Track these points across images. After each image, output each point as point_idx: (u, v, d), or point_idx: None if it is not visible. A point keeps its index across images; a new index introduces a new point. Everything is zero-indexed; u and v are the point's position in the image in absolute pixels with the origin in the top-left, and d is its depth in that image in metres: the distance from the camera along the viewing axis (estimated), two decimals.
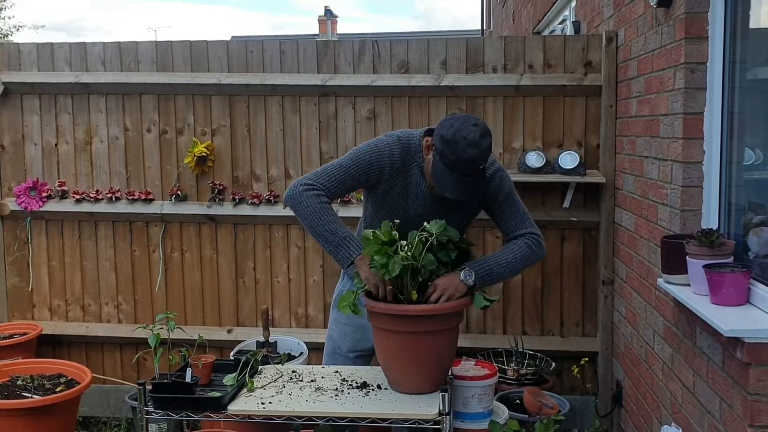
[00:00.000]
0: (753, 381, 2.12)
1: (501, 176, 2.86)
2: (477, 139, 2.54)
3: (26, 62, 4.30)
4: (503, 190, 2.85)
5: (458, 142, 2.53)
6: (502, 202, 2.85)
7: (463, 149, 2.53)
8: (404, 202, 2.81)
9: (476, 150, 2.54)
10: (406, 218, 2.73)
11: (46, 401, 3.32)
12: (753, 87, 2.66)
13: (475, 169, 2.58)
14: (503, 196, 2.85)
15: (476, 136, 2.55)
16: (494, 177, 2.83)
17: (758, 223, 2.53)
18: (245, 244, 4.27)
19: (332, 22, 28.92)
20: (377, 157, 2.76)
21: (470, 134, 2.55)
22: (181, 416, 2.59)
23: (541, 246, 2.86)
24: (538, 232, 2.87)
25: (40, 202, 4.33)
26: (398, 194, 2.80)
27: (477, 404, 3.00)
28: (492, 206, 2.87)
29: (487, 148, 2.59)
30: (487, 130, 2.63)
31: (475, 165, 2.57)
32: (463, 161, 2.55)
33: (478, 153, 2.55)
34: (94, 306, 4.41)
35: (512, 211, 2.86)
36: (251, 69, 4.15)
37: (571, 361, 4.01)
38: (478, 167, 2.59)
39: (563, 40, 4.03)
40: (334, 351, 3.17)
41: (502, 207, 2.85)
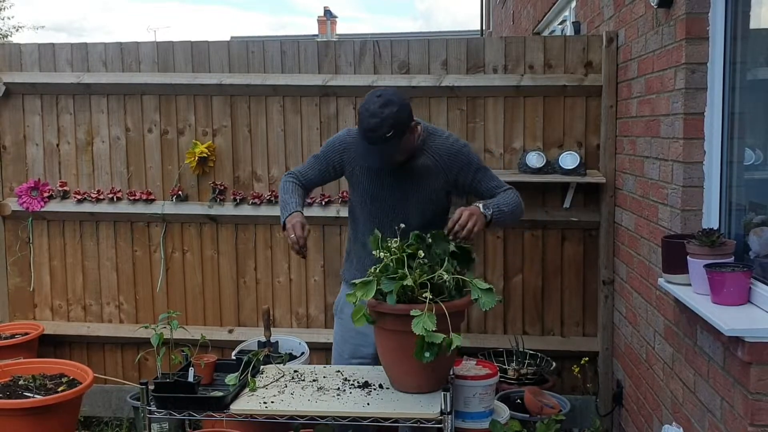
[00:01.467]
0: (754, 380, 2.12)
1: (466, 152, 2.99)
2: (376, 110, 2.69)
3: (27, 63, 4.31)
4: (472, 164, 2.98)
5: (362, 114, 2.73)
6: (476, 173, 2.98)
7: (365, 119, 2.71)
8: (366, 181, 2.99)
9: (376, 119, 2.69)
10: (373, 196, 2.98)
11: (47, 401, 3.33)
12: (753, 87, 2.67)
13: (378, 137, 2.70)
14: (474, 168, 2.98)
15: (376, 106, 2.70)
16: (459, 153, 2.96)
17: (759, 223, 2.53)
18: (246, 244, 4.28)
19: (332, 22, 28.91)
20: (337, 142, 3.07)
21: (372, 105, 2.71)
22: (183, 416, 2.59)
23: (519, 198, 2.99)
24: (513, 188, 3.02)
25: (42, 203, 4.33)
26: (360, 175, 3.01)
27: (478, 404, 3.01)
28: (466, 181, 2.99)
29: (388, 116, 2.69)
30: (392, 101, 2.73)
31: (376, 133, 2.69)
32: (366, 131, 2.71)
33: (378, 122, 2.68)
34: (96, 306, 4.42)
35: (488, 177, 3.00)
36: (252, 69, 4.16)
37: (572, 360, 4.02)
38: (380, 135, 2.70)
39: (564, 41, 4.03)
40: (339, 355, 3.20)
41: (477, 177, 2.98)
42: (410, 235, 2.64)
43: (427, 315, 2.35)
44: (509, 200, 2.93)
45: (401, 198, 2.97)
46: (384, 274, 2.51)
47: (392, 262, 2.54)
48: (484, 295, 2.49)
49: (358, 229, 3.13)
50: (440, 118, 4.06)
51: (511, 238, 4.11)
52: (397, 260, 2.54)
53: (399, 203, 2.98)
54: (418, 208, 2.97)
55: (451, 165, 2.95)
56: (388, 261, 2.54)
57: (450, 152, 2.96)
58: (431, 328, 2.33)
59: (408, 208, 2.97)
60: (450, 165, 2.95)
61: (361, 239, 3.10)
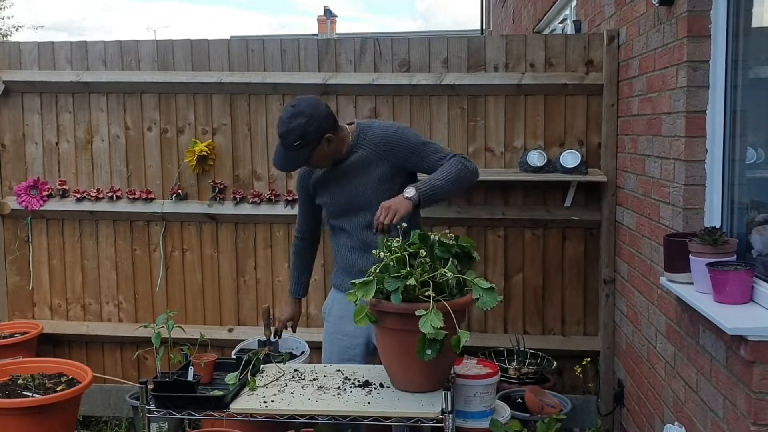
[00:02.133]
0: (757, 379, 2.11)
1: (401, 135, 3.03)
2: (285, 119, 2.88)
3: (27, 61, 4.30)
4: (409, 144, 3.02)
5: (279, 119, 2.91)
6: (416, 150, 3.01)
7: (278, 125, 2.91)
8: (326, 191, 3.13)
9: (284, 128, 2.87)
10: (333, 204, 3.11)
11: (46, 400, 3.32)
12: (755, 85, 2.66)
13: (287, 144, 2.88)
14: (412, 148, 3.01)
15: (286, 116, 2.88)
16: (392, 138, 3.02)
17: (761, 222, 2.53)
18: (246, 243, 4.27)
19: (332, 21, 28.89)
20: (298, 176, 3.26)
21: (285, 113, 2.90)
22: (183, 415, 2.58)
23: (471, 163, 3.00)
24: (460, 154, 3.02)
25: (41, 201, 4.32)
26: (321, 190, 3.15)
27: (479, 403, 3.01)
28: (409, 159, 3.02)
29: (294, 128, 2.85)
30: (303, 113, 2.87)
31: (286, 140, 2.87)
32: (279, 136, 2.91)
33: (285, 131, 2.87)
34: (95, 305, 4.41)
35: (430, 151, 3.02)
36: (252, 68, 4.14)
37: (573, 360, 4.01)
38: (288, 143, 2.88)
39: (564, 39, 4.02)
40: (329, 359, 3.21)
41: (419, 153, 3.01)
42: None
43: (434, 313, 2.35)
44: (446, 171, 2.91)
45: (355, 195, 3.05)
46: (385, 274, 2.50)
47: (393, 261, 2.53)
48: (485, 294, 2.48)
49: (335, 235, 3.23)
50: (441, 117, 4.05)
51: (512, 237, 4.10)
52: (398, 259, 2.53)
53: (355, 201, 3.05)
54: (373, 199, 3.01)
55: (387, 151, 3.01)
56: (389, 260, 2.53)
57: (383, 139, 3.02)
58: (439, 326, 2.32)
59: (364, 200, 3.04)
60: (386, 151, 3.01)
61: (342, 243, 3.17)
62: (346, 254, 3.15)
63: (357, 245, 3.09)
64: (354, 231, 3.09)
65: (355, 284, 2.51)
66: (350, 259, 3.13)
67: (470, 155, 4.03)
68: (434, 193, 2.87)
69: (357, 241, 3.09)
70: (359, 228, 3.08)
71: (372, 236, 2.99)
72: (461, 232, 3.99)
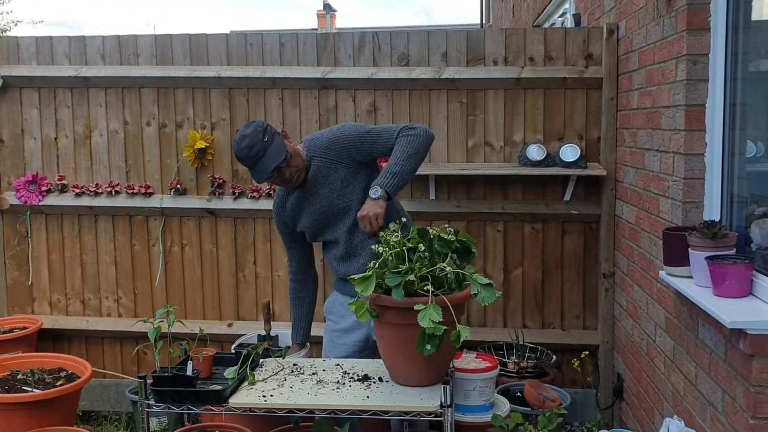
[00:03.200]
0: (756, 373, 2.11)
1: (341, 135, 3.04)
2: (242, 133, 2.94)
3: (25, 56, 4.29)
4: (352, 136, 3.02)
5: (237, 151, 2.95)
6: (362, 142, 3.01)
7: (239, 146, 2.93)
8: (303, 216, 3.13)
9: (246, 139, 2.91)
10: (314, 223, 3.11)
11: (46, 395, 3.32)
12: (755, 79, 2.65)
13: (259, 150, 2.91)
14: (358, 140, 3.01)
15: (240, 133, 2.95)
16: (336, 142, 3.02)
17: (761, 215, 2.52)
18: (245, 238, 4.26)
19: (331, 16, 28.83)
20: (274, 214, 3.25)
21: (237, 136, 2.96)
22: (182, 409, 2.58)
23: (416, 128, 2.97)
24: (406, 125, 3.00)
25: (40, 196, 4.32)
26: (298, 217, 3.14)
27: (478, 397, 3.01)
28: (360, 153, 3.02)
29: (252, 131, 2.92)
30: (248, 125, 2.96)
31: (256, 147, 2.90)
32: (247, 154, 2.92)
33: (249, 139, 2.91)
34: (94, 300, 4.41)
35: (374, 137, 3.01)
36: (251, 62, 4.13)
37: (572, 354, 4.01)
38: (261, 144, 2.91)
39: (564, 33, 4.01)
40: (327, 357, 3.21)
41: (365, 144, 3.01)
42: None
43: (433, 307, 2.34)
44: (399, 153, 2.91)
45: (327, 206, 3.07)
46: (384, 269, 2.49)
47: (392, 257, 2.52)
48: (483, 289, 2.48)
49: (324, 248, 3.26)
50: (440, 111, 4.05)
51: (511, 231, 4.10)
52: (397, 254, 2.53)
53: (329, 210, 3.08)
54: (344, 201, 3.05)
55: (339, 153, 3.02)
56: (387, 256, 2.52)
57: (329, 144, 3.03)
58: (438, 320, 2.32)
59: (338, 207, 3.06)
60: (338, 154, 3.02)
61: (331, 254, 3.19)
62: (337, 265, 3.19)
63: (342, 253, 3.13)
64: (339, 238, 3.12)
65: (354, 279, 2.51)
66: (341, 269, 3.17)
67: (469, 149, 4.03)
68: (397, 179, 2.87)
69: (343, 248, 3.12)
70: (343, 234, 3.10)
71: (358, 239, 3.06)
72: (460, 226, 3.98)
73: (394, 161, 2.90)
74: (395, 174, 2.86)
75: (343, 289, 3.18)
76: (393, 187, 2.84)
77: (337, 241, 3.13)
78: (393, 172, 2.87)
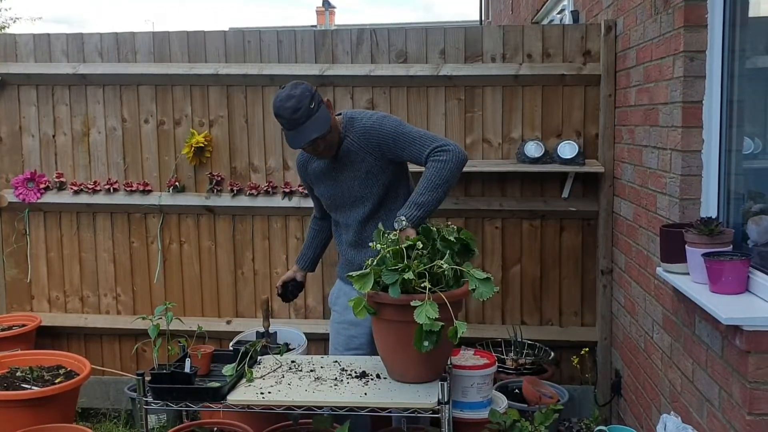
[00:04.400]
0: (752, 369, 2.12)
1: (379, 126, 3.00)
2: (288, 93, 2.89)
3: (23, 53, 4.28)
4: (389, 135, 2.98)
5: (279, 107, 2.90)
6: (395, 143, 2.97)
7: (283, 106, 2.88)
8: (322, 185, 3.15)
9: (293, 99, 2.86)
10: (330, 197, 3.13)
11: (45, 392, 3.32)
12: (752, 75, 2.65)
13: (304, 114, 2.86)
14: (393, 139, 2.97)
15: (286, 92, 2.90)
16: (371, 130, 2.99)
17: (757, 212, 2.52)
18: (244, 235, 4.26)
19: (330, 12, 28.78)
20: (297, 168, 3.28)
21: (281, 94, 2.90)
22: (180, 406, 2.59)
23: (449, 151, 2.87)
24: (442, 142, 2.91)
25: (38, 194, 4.32)
26: (316, 183, 3.18)
27: (476, 393, 3.01)
28: (390, 151, 3.01)
29: (301, 92, 2.88)
30: (296, 84, 2.93)
31: (301, 110, 2.86)
32: (290, 115, 2.87)
33: (296, 100, 2.87)
34: (93, 297, 4.41)
35: (408, 142, 2.96)
36: (249, 59, 4.13)
37: (570, 350, 4.02)
38: (306, 109, 2.87)
39: (562, 30, 4.01)
40: (335, 348, 3.22)
41: (398, 147, 2.97)
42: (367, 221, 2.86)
43: (429, 303, 2.35)
44: (426, 182, 2.83)
45: (347, 190, 3.06)
46: (382, 267, 2.50)
47: (389, 255, 2.52)
48: (481, 285, 2.48)
49: (336, 229, 3.26)
50: (438, 108, 4.05)
51: (510, 228, 4.10)
52: (395, 252, 2.53)
53: (348, 193, 3.07)
54: (365, 191, 3.04)
55: (370, 143, 3.00)
56: (385, 253, 2.53)
57: (365, 131, 3.00)
58: (434, 316, 2.32)
59: (357, 194, 3.05)
60: (370, 144, 3.00)
61: (342, 239, 3.20)
62: (346, 249, 3.17)
63: (354, 240, 3.11)
64: (351, 225, 3.10)
65: (352, 277, 2.51)
66: (349, 254, 3.15)
67: (467, 146, 4.03)
68: (422, 211, 2.80)
69: (354, 236, 3.10)
70: (356, 222, 3.08)
71: (369, 231, 3.01)
72: (458, 223, 3.99)
73: (421, 190, 2.83)
74: (420, 205, 2.80)
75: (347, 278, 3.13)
76: (417, 219, 2.77)
77: (348, 226, 3.12)
78: (418, 202, 2.81)
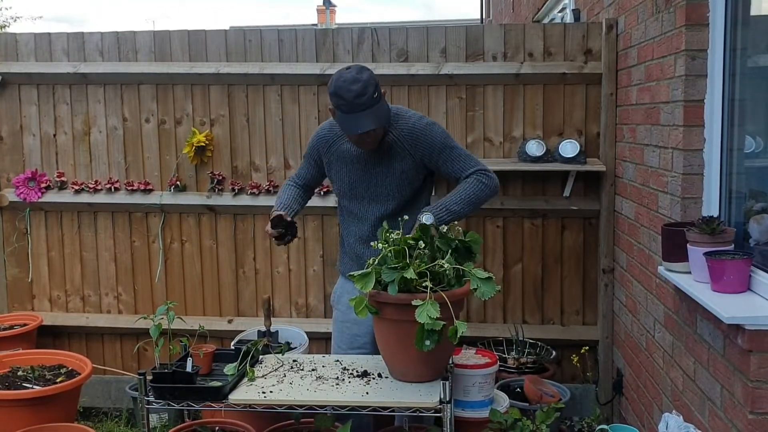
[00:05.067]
0: (754, 368, 2.12)
1: (429, 132, 2.99)
2: (355, 76, 2.79)
3: (23, 52, 4.28)
4: (435, 144, 2.98)
5: (341, 87, 2.78)
6: (440, 154, 2.99)
7: (348, 89, 2.77)
8: (344, 169, 3.06)
9: (359, 84, 2.77)
10: (350, 184, 3.06)
11: (46, 392, 3.32)
12: (754, 74, 2.65)
13: (367, 101, 2.78)
14: (438, 149, 2.98)
15: (353, 74, 2.80)
16: (421, 134, 2.97)
17: (759, 211, 2.52)
18: (245, 235, 4.26)
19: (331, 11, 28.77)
20: (314, 137, 3.18)
21: (348, 75, 2.80)
22: (181, 406, 2.59)
23: (491, 178, 2.98)
24: (486, 167, 3.01)
25: (39, 193, 4.32)
26: (338, 164, 3.08)
27: (478, 392, 3.01)
28: (432, 161, 3.00)
29: (368, 78, 2.80)
30: (363, 68, 2.85)
31: (365, 96, 2.77)
32: (354, 98, 2.77)
33: (362, 85, 2.77)
34: (94, 297, 4.41)
35: (453, 157, 2.99)
36: (250, 58, 4.13)
37: (572, 349, 4.02)
38: (370, 97, 2.79)
39: (563, 28, 4.01)
40: (338, 346, 3.21)
41: (441, 158, 2.99)
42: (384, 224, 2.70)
43: (430, 303, 2.35)
44: (463, 194, 2.91)
45: (375, 184, 3.02)
46: (383, 265, 2.50)
47: (391, 254, 2.52)
48: (483, 284, 2.48)
49: (345, 219, 3.19)
50: (439, 107, 4.04)
51: (511, 227, 4.10)
52: (396, 252, 2.53)
53: (374, 187, 3.03)
54: (393, 190, 3.01)
55: (414, 146, 2.98)
56: (386, 252, 2.52)
57: (412, 133, 2.98)
58: (435, 316, 2.32)
59: (383, 190, 3.02)
60: (413, 146, 2.98)
61: (352, 231, 3.14)
62: (355, 243, 3.12)
63: (367, 236, 3.05)
64: (368, 219, 3.05)
65: (354, 276, 2.51)
66: (359, 249, 3.10)
67: (469, 145, 4.03)
68: (450, 218, 2.86)
69: (368, 231, 3.06)
70: (374, 218, 3.04)
71: None
72: (459, 222, 3.97)
73: (457, 200, 2.88)
74: (451, 212, 2.86)
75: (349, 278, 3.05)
76: (443, 222, 2.81)
77: (363, 219, 3.07)
78: (450, 209, 2.87)
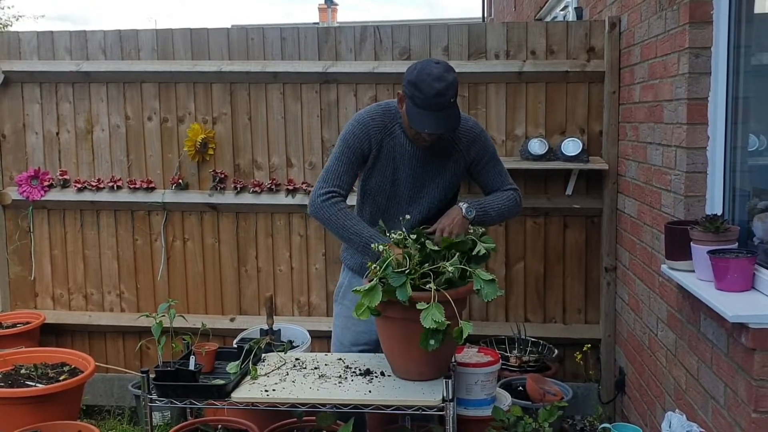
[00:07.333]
0: (758, 366, 2.11)
1: (485, 138, 3.02)
2: (442, 74, 2.66)
3: (26, 51, 4.28)
4: (488, 151, 3.01)
5: (424, 80, 2.65)
6: (488, 162, 3.01)
7: (430, 85, 2.64)
8: (392, 164, 2.90)
9: (443, 83, 2.65)
10: (395, 181, 2.90)
11: (49, 390, 3.33)
12: (758, 72, 2.64)
13: (445, 103, 2.67)
14: (488, 158, 3.01)
15: (440, 71, 2.67)
16: (479, 138, 2.98)
17: (763, 209, 2.52)
18: (247, 233, 4.26)
19: (333, 10, 28.75)
20: (360, 128, 2.88)
21: (434, 70, 2.66)
22: (184, 404, 2.59)
23: (520, 197, 3.07)
24: (516, 186, 3.08)
25: (42, 192, 4.32)
26: (386, 158, 2.90)
27: (480, 391, 3.01)
28: (477, 167, 3.02)
29: (453, 81, 2.69)
30: (451, 68, 2.74)
31: (445, 98, 2.66)
32: (433, 96, 2.65)
33: (446, 85, 2.66)
34: (97, 295, 4.41)
35: (496, 171, 3.04)
36: (252, 56, 4.13)
37: (574, 348, 4.01)
38: (448, 100, 2.68)
39: (566, 26, 4.00)
40: (340, 343, 3.18)
41: (488, 167, 3.01)
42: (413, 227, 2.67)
43: (435, 306, 2.34)
44: (501, 203, 2.98)
45: (421, 182, 2.93)
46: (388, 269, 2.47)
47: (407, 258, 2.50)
48: (486, 285, 2.48)
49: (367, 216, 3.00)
50: None
51: (513, 225, 4.10)
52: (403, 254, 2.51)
53: (419, 186, 2.95)
54: (438, 191, 2.97)
55: (469, 148, 2.96)
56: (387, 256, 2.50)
57: (470, 136, 2.96)
58: (441, 320, 2.32)
59: (428, 190, 2.96)
60: (469, 147, 2.96)
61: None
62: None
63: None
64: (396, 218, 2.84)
65: (358, 291, 2.47)
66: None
67: None
68: (485, 219, 2.90)
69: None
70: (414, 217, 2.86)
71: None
72: None
73: (495, 206, 2.95)
74: (487, 213, 2.91)
75: (361, 269, 2.94)
76: (478, 219, 2.86)
77: (391, 218, 2.88)
78: (487, 211, 2.92)
